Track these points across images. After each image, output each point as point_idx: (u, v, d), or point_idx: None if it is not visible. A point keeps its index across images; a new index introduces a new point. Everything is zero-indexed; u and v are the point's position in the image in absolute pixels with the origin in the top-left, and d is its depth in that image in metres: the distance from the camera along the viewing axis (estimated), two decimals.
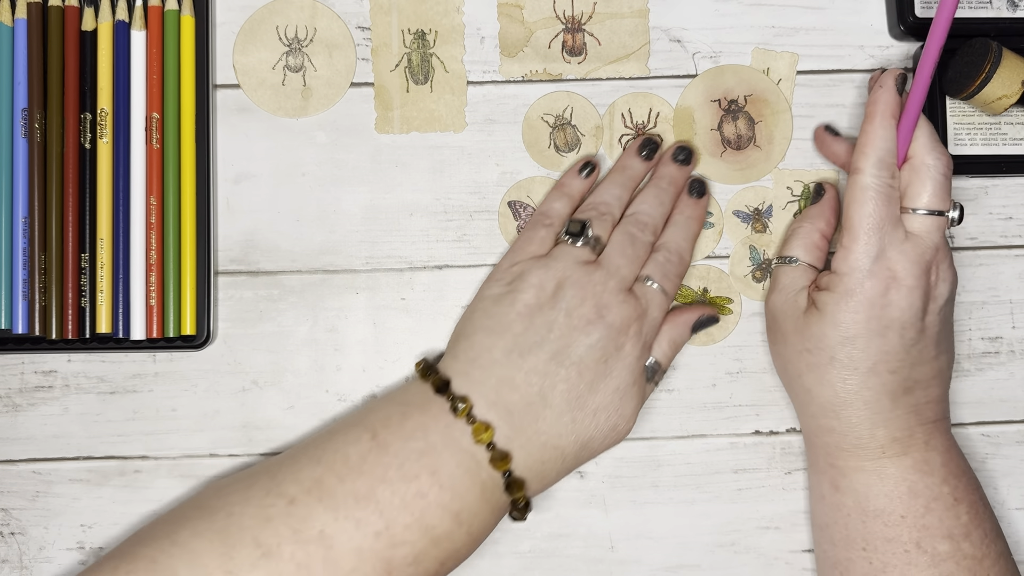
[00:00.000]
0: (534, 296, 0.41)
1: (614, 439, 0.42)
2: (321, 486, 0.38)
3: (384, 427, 0.39)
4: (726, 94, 0.47)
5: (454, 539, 0.38)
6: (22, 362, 0.46)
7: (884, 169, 0.41)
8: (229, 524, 0.37)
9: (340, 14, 0.47)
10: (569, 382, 0.40)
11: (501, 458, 0.39)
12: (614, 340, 0.41)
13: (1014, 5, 0.46)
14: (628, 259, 0.42)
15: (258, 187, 0.47)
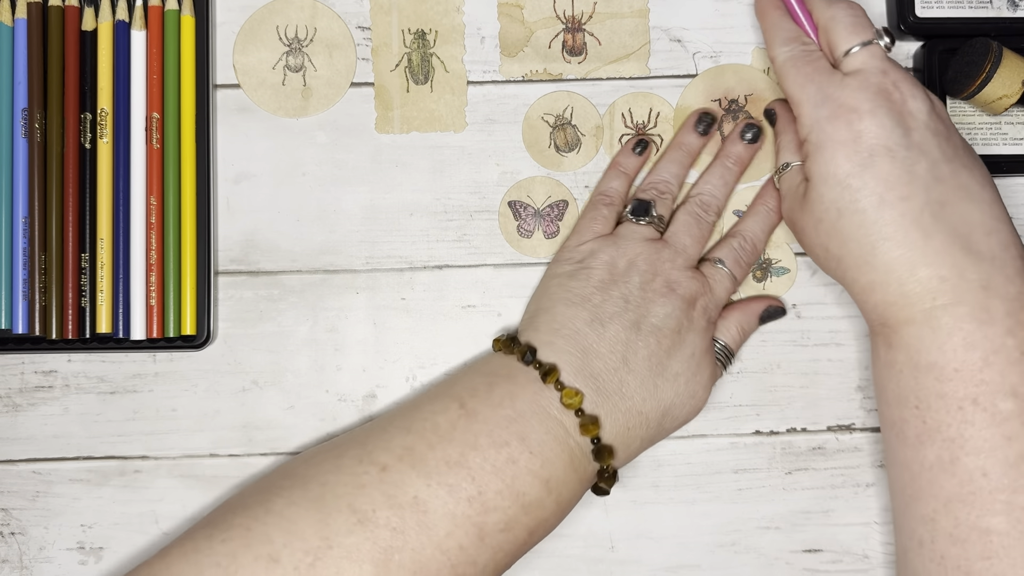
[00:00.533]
0: (607, 272, 0.42)
1: (692, 407, 0.42)
2: (413, 453, 0.38)
3: (472, 396, 0.40)
4: (727, 93, 0.47)
5: (544, 506, 0.39)
6: (22, 362, 0.46)
7: (791, 42, 0.42)
8: (323, 492, 0.37)
9: (340, 14, 0.47)
10: (649, 348, 0.41)
11: (591, 423, 0.39)
12: (685, 311, 0.42)
13: (1014, 5, 0.46)
14: (694, 239, 0.44)
15: (258, 187, 0.47)
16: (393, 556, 0.36)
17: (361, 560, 0.36)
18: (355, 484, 0.37)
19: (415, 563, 0.36)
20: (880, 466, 0.47)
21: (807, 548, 0.47)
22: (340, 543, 0.36)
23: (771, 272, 0.47)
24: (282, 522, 0.36)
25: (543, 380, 0.40)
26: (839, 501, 0.47)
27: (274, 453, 0.46)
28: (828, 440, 0.47)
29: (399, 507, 0.37)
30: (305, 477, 0.38)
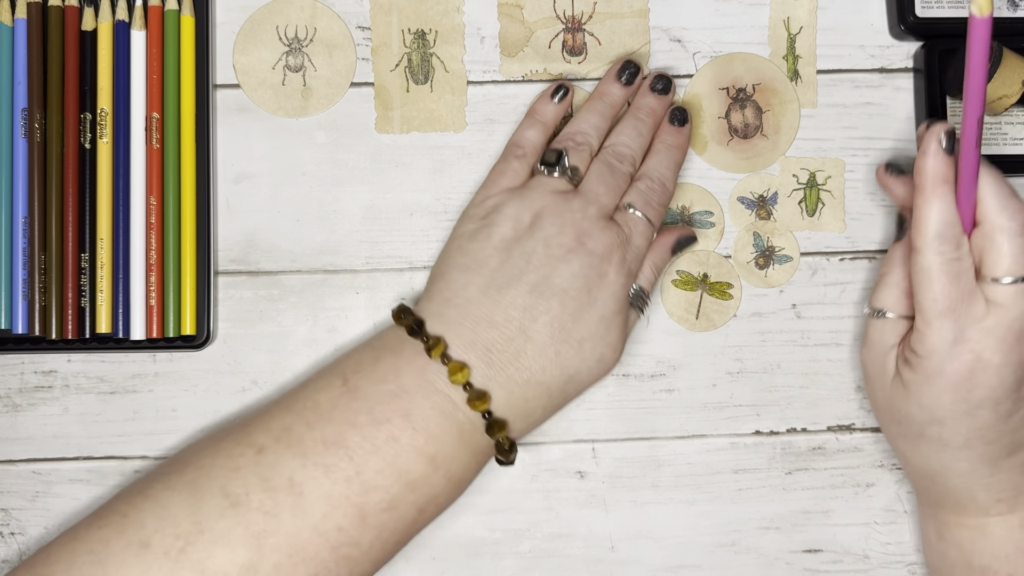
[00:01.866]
0: (511, 228, 0.40)
1: (601, 370, 0.40)
2: (290, 434, 0.37)
3: (355, 372, 0.38)
4: (734, 82, 0.47)
5: (431, 483, 0.37)
6: (22, 362, 0.46)
7: (945, 244, 0.36)
8: (199, 476, 0.36)
9: (340, 14, 0.47)
10: (551, 313, 0.38)
11: (478, 397, 0.37)
12: (596, 268, 0.39)
13: (1014, 5, 0.46)
14: (608, 187, 0.41)
15: (258, 187, 0.47)
16: (267, 539, 0.35)
17: (233, 544, 0.34)
18: (231, 467, 0.36)
19: (291, 546, 0.35)
20: (880, 466, 0.47)
21: (807, 548, 0.47)
22: (211, 527, 0.35)
23: (774, 260, 0.47)
24: (156, 507, 0.36)
25: (428, 354, 0.38)
26: (839, 501, 0.47)
27: None
28: (828, 440, 0.47)
29: (273, 489, 0.35)
30: (184, 461, 0.37)
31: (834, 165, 0.47)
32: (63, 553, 0.35)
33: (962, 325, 0.36)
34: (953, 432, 0.38)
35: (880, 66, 0.48)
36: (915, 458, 0.40)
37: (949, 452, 0.38)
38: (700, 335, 0.47)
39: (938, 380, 0.37)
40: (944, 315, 0.36)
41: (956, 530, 0.40)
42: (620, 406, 0.47)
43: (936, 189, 0.36)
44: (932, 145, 0.36)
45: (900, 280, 0.40)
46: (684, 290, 0.47)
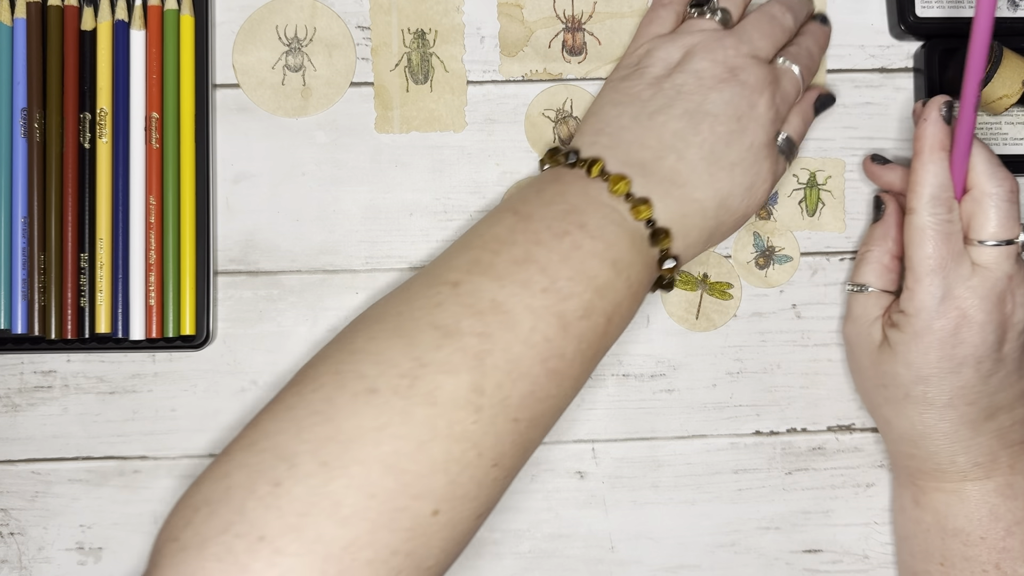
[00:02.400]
0: (662, 67, 0.41)
1: (751, 200, 0.40)
2: (479, 264, 0.37)
3: (523, 203, 0.39)
4: None
5: (616, 288, 0.37)
6: (21, 362, 0.46)
7: (939, 206, 0.39)
8: (401, 321, 0.36)
9: (340, 14, 0.47)
10: (702, 135, 0.39)
11: (641, 203, 0.38)
12: (747, 98, 0.40)
13: (1014, 5, 0.46)
14: (763, 33, 0.41)
15: (258, 187, 0.47)
16: (486, 360, 0.35)
17: (457, 370, 0.34)
18: (431, 305, 0.36)
19: (508, 363, 0.35)
20: (880, 466, 0.47)
21: (807, 548, 0.47)
22: (432, 359, 0.34)
23: (774, 260, 0.47)
24: (368, 357, 0.35)
25: (588, 174, 0.38)
26: (839, 501, 0.47)
27: None
28: (828, 440, 0.47)
29: (480, 313, 0.35)
30: (377, 317, 0.37)
31: (834, 165, 0.47)
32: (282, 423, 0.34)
33: (950, 283, 0.39)
34: (938, 390, 0.40)
35: (880, 66, 0.48)
36: (900, 422, 0.41)
37: (933, 412, 0.40)
38: (700, 335, 0.47)
39: (926, 336, 0.39)
40: (935, 272, 0.39)
41: (933, 495, 0.42)
42: (620, 406, 0.47)
43: (934, 154, 0.39)
44: (933, 113, 0.40)
45: (880, 256, 0.43)
46: (684, 290, 0.47)
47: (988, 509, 0.41)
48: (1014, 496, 0.41)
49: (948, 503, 0.41)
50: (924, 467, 0.42)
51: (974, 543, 0.41)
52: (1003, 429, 0.41)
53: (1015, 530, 0.40)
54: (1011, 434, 0.41)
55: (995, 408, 0.40)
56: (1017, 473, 0.41)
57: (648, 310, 0.47)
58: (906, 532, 0.44)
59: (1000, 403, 0.40)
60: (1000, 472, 0.41)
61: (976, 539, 0.41)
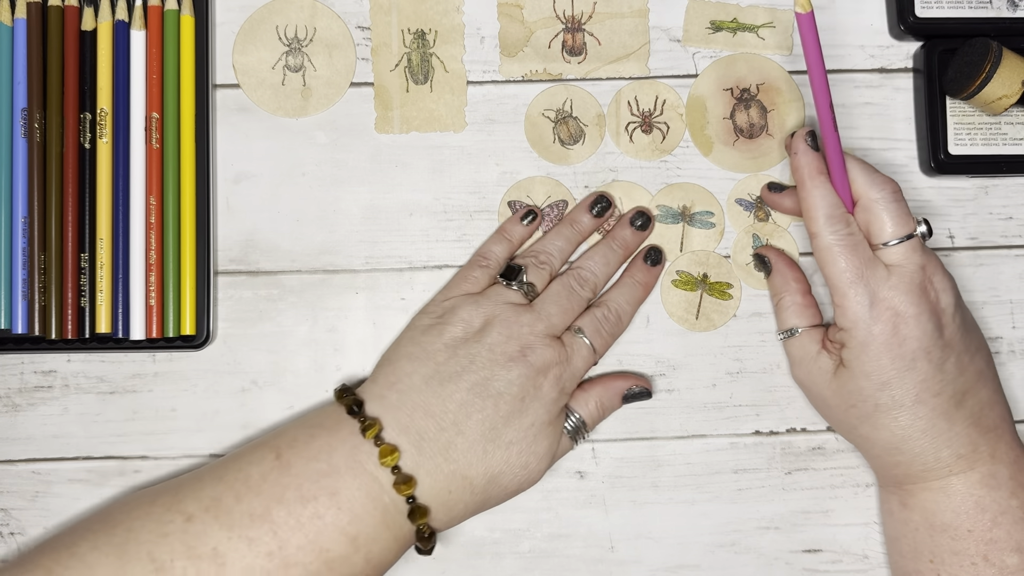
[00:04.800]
0: (461, 330, 0.42)
1: (525, 478, 0.42)
2: (219, 504, 0.38)
3: (289, 447, 0.40)
4: (738, 83, 0.47)
5: (351, 563, 0.39)
6: (22, 362, 0.46)
7: (837, 222, 0.41)
8: (127, 539, 0.38)
9: (340, 14, 0.47)
10: (485, 412, 0.41)
11: (404, 482, 0.39)
12: (533, 379, 0.41)
13: (1014, 5, 0.46)
14: (561, 309, 0.43)
15: (258, 187, 0.47)
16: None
17: None
18: (159, 532, 0.38)
19: None
20: None
21: (807, 548, 0.47)
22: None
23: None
24: (82, 567, 0.37)
25: (363, 434, 0.40)
26: (839, 501, 0.47)
27: None
28: (828, 440, 0.47)
29: (197, 558, 0.37)
30: (115, 522, 0.39)
31: None
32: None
33: (873, 287, 0.40)
34: (902, 390, 0.41)
35: (880, 66, 0.48)
36: (880, 434, 0.42)
37: (905, 412, 0.41)
38: (700, 335, 0.47)
39: (871, 344, 0.40)
40: (855, 283, 0.40)
41: (920, 494, 0.42)
42: None
43: (815, 179, 0.42)
44: (800, 144, 0.43)
45: (793, 299, 0.45)
46: (684, 290, 0.47)
47: (974, 501, 0.41)
48: (997, 486, 0.41)
49: (935, 500, 0.42)
50: (911, 471, 0.42)
51: (962, 536, 0.41)
52: (975, 414, 0.41)
53: (1001, 520, 0.41)
54: (984, 419, 0.42)
55: (961, 393, 0.41)
56: (998, 462, 0.41)
57: (648, 310, 0.47)
58: (895, 533, 0.44)
59: (963, 387, 0.41)
60: (982, 462, 0.41)
61: (964, 532, 0.41)
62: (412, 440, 0.40)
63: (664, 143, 0.47)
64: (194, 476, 0.40)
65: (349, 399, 0.41)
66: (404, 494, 0.39)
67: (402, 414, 0.40)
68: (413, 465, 0.40)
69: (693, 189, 0.47)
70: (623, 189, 0.47)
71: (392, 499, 0.39)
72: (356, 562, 0.39)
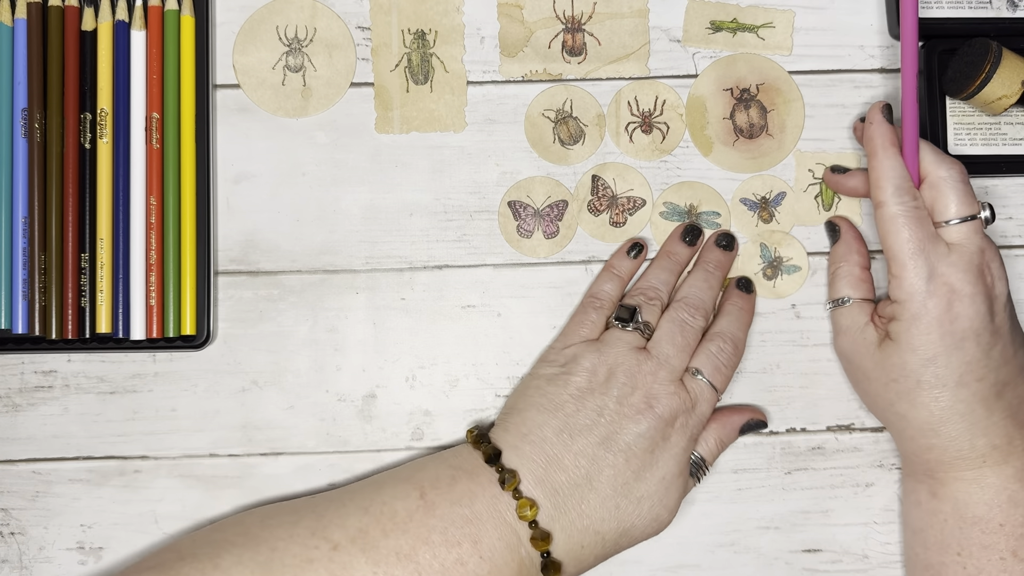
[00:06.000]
0: (586, 380, 0.42)
1: (655, 528, 0.42)
2: (366, 536, 0.38)
3: (433, 487, 0.40)
4: (738, 83, 0.47)
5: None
6: (22, 362, 0.46)
7: (905, 194, 0.41)
8: (272, 559, 0.38)
9: (340, 14, 0.47)
10: (616, 468, 0.41)
11: (542, 538, 0.39)
12: (662, 431, 0.41)
13: (1014, 5, 0.46)
14: (678, 348, 0.43)
15: (258, 187, 0.47)
16: None
17: None
18: (304, 557, 0.38)
19: None
20: (879, 466, 0.47)
21: (806, 548, 0.47)
22: None
23: (782, 270, 0.47)
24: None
25: (502, 486, 0.40)
26: (838, 501, 0.47)
27: (274, 453, 0.46)
28: (828, 440, 0.47)
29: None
30: (258, 539, 0.39)
31: (850, 159, 0.47)
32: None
33: (932, 262, 0.40)
34: (947, 369, 0.40)
35: (880, 66, 0.48)
36: (918, 412, 0.41)
37: (947, 393, 0.40)
38: None
39: (923, 318, 0.40)
40: (917, 254, 0.40)
41: (953, 484, 0.42)
42: None
43: (887, 150, 0.42)
44: (877, 115, 0.43)
45: (851, 269, 0.45)
46: None
47: (1008, 495, 0.41)
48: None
49: (968, 491, 0.41)
50: (944, 456, 0.42)
51: (993, 530, 0.41)
52: (1013, 407, 0.41)
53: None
54: (1022, 413, 0.41)
55: (1002, 384, 0.41)
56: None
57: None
58: (921, 524, 0.43)
59: (1005, 378, 0.41)
60: (1017, 455, 0.41)
61: (995, 526, 0.41)
62: (547, 494, 0.40)
63: (664, 143, 0.47)
64: (335, 501, 0.41)
65: (488, 448, 0.41)
66: (541, 549, 0.39)
67: (536, 466, 0.40)
68: (548, 520, 0.40)
69: (701, 188, 0.47)
70: (616, 171, 0.47)
71: (528, 552, 0.39)
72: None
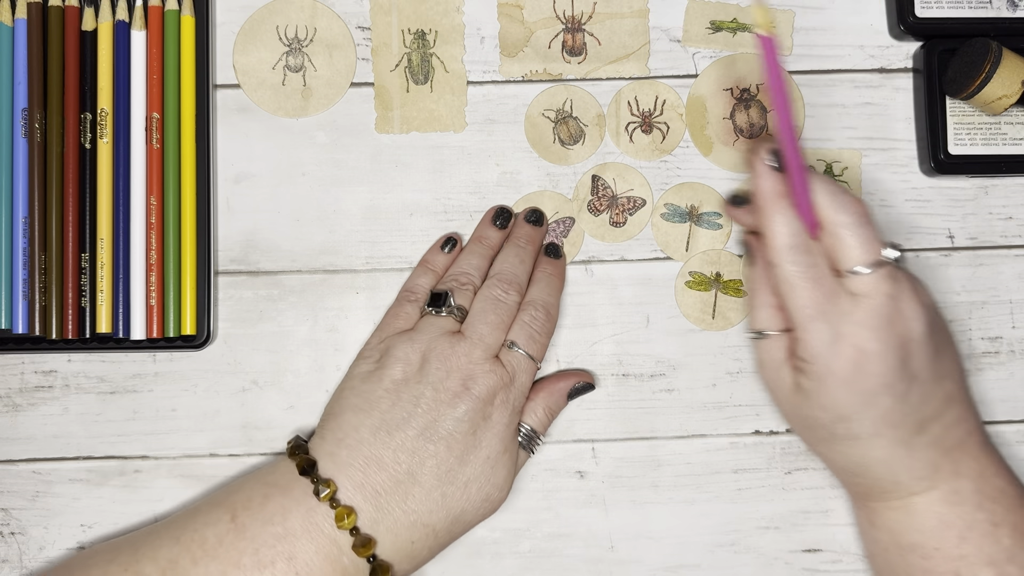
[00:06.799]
0: (401, 371, 0.41)
1: (488, 509, 0.42)
2: (176, 567, 0.38)
3: (245, 509, 0.39)
4: (738, 83, 0.47)
5: None
6: (22, 362, 0.46)
7: (798, 252, 0.38)
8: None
9: (340, 14, 0.47)
10: (438, 457, 0.40)
11: (363, 544, 0.38)
12: (481, 411, 0.41)
13: (1014, 5, 0.46)
14: (491, 325, 0.42)
15: (258, 187, 0.47)
16: None
17: None
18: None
19: None
20: None
21: (806, 548, 0.47)
22: None
23: None
24: None
25: (318, 497, 0.39)
26: (838, 501, 0.47)
27: (274, 453, 0.46)
28: None
29: None
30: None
31: (851, 156, 0.47)
32: None
33: (835, 323, 0.38)
34: (860, 425, 0.39)
35: (880, 66, 0.48)
36: (836, 458, 0.41)
37: (862, 443, 0.39)
38: (700, 335, 0.47)
39: (829, 380, 0.38)
40: (815, 318, 0.38)
41: (885, 513, 0.41)
42: (620, 406, 0.47)
43: (775, 204, 0.39)
44: (760, 167, 0.39)
45: (766, 299, 0.41)
46: (698, 291, 0.47)
47: (937, 519, 0.40)
48: (960, 502, 0.40)
49: (899, 520, 0.41)
50: (871, 492, 0.41)
51: (929, 555, 0.40)
52: (938, 437, 0.40)
53: (968, 535, 0.39)
54: (948, 439, 0.40)
55: (923, 422, 0.39)
56: (962, 477, 0.40)
57: (648, 310, 0.47)
58: (868, 551, 0.44)
59: (926, 415, 0.39)
60: (944, 479, 0.40)
61: (931, 551, 0.40)
62: (368, 497, 0.39)
63: (664, 143, 0.47)
64: (151, 533, 0.40)
65: (301, 458, 0.40)
66: (363, 556, 0.38)
67: (355, 471, 0.39)
68: (371, 523, 0.39)
69: (703, 189, 0.47)
70: (616, 171, 0.47)
71: (352, 560, 0.39)
72: None
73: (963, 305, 0.47)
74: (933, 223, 0.47)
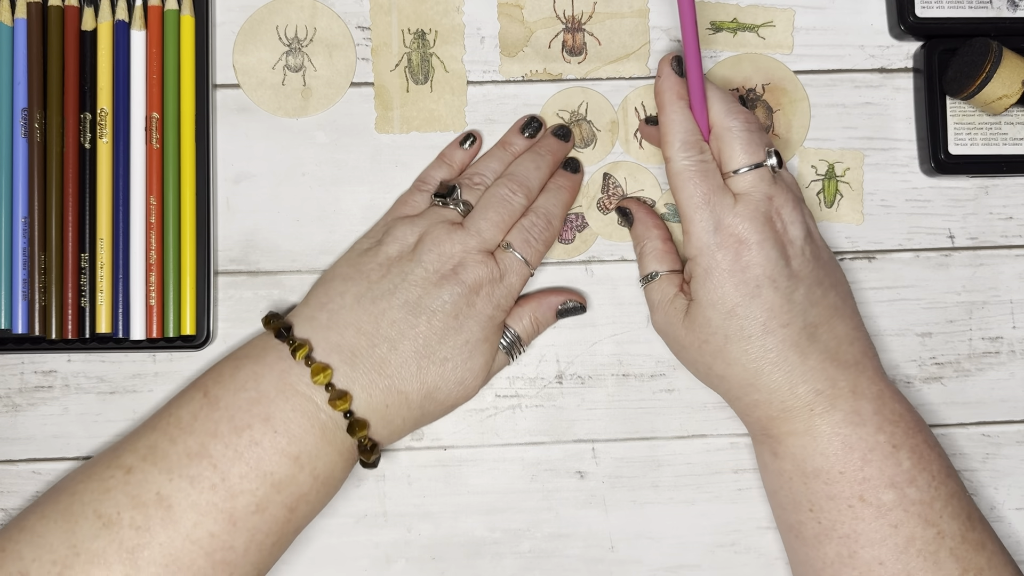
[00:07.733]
0: (396, 249, 0.42)
1: (460, 394, 0.42)
2: (155, 451, 0.39)
3: (216, 383, 0.40)
4: (744, 83, 0.47)
5: (298, 482, 0.39)
6: (22, 362, 0.46)
7: (690, 149, 0.41)
8: (72, 502, 0.38)
9: (340, 14, 0.47)
10: (417, 329, 0.41)
11: (339, 397, 0.39)
12: (467, 298, 0.41)
13: (1014, 5, 0.46)
14: (491, 223, 0.43)
15: (258, 187, 0.47)
16: (141, 553, 0.37)
17: (108, 562, 0.37)
18: (101, 489, 0.38)
19: (165, 557, 0.37)
20: None
21: None
22: (87, 548, 0.37)
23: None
24: (32, 537, 0.37)
25: (293, 356, 0.40)
26: None
27: None
28: None
29: (143, 505, 0.37)
30: (59, 490, 0.39)
31: (853, 157, 0.47)
32: None
33: (718, 214, 0.41)
34: (748, 320, 0.40)
35: (880, 66, 0.48)
36: (732, 369, 0.41)
37: (755, 343, 0.40)
38: None
39: (715, 271, 0.40)
40: (701, 207, 0.41)
41: (788, 440, 0.41)
42: (620, 406, 0.47)
43: (674, 104, 0.42)
44: (665, 69, 0.43)
45: (654, 245, 0.45)
46: None
47: (840, 440, 0.40)
48: (862, 423, 0.40)
49: (802, 444, 0.41)
50: (771, 411, 0.41)
51: (834, 479, 0.40)
52: (831, 349, 0.41)
53: (870, 457, 0.40)
54: (842, 354, 0.41)
55: (813, 326, 0.41)
56: (861, 398, 0.40)
57: (648, 310, 0.47)
58: (773, 487, 0.43)
59: (815, 319, 0.41)
60: (843, 398, 0.40)
61: (836, 475, 0.40)
62: (344, 358, 0.40)
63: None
64: (130, 432, 0.41)
65: (276, 323, 0.41)
66: (340, 409, 0.39)
67: (333, 333, 0.40)
68: (347, 381, 0.40)
69: None
70: (628, 170, 0.47)
71: (329, 415, 0.39)
72: (303, 481, 0.39)
73: (963, 305, 0.47)
74: (933, 223, 0.47)
